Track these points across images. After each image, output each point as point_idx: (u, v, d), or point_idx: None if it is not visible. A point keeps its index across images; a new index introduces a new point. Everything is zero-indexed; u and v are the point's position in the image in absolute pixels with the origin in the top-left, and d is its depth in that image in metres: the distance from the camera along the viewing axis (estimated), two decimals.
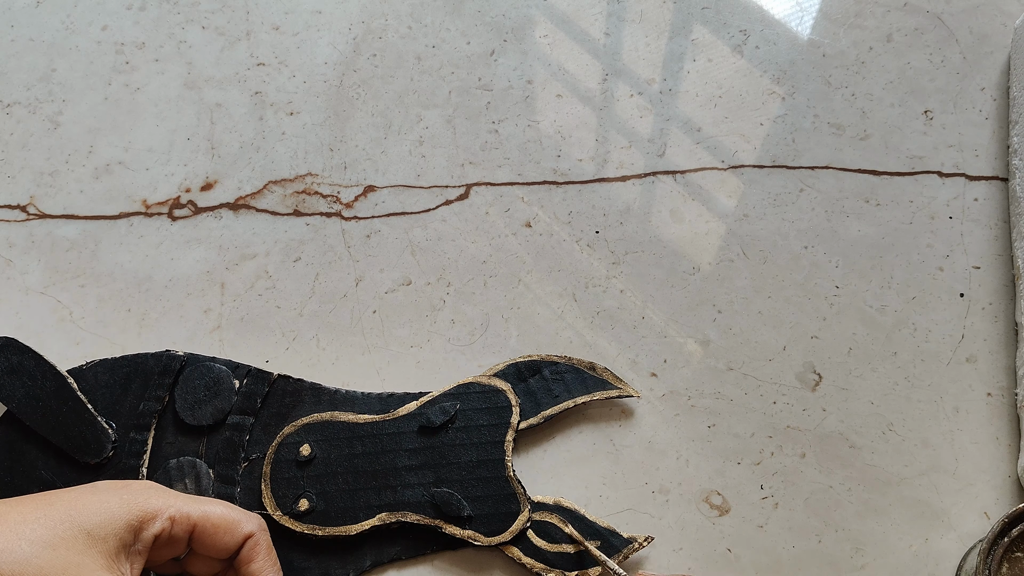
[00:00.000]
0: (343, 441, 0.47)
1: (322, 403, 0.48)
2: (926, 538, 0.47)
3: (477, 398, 0.48)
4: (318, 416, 0.47)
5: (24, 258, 0.54)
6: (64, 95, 0.58)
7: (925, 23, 0.60)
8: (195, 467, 0.46)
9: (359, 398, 0.49)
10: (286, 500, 0.45)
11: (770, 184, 0.55)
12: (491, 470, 0.46)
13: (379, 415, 0.47)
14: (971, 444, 0.48)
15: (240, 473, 0.46)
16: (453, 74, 0.59)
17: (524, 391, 0.49)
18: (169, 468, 0.46)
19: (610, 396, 0.49)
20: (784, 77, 0.59)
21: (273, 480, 0.46)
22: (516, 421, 0.47)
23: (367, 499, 0.46)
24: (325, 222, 0.55)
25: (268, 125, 0.58)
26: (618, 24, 0.61)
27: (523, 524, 0.45)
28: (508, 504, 0.46)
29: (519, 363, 0.49)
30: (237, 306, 0.53)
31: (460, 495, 0.45)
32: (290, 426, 0.47)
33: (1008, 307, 0.52)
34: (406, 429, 0.47)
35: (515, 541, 0.45)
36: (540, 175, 0.56)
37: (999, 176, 0.55)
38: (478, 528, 0.45)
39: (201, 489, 0.45)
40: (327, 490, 0.46)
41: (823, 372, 0.50)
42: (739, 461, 0.48)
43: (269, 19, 0.61)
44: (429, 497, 0.45)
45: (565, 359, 0.50)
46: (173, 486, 0.45)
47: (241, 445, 0.47)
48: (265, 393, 0.48)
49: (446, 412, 0.47)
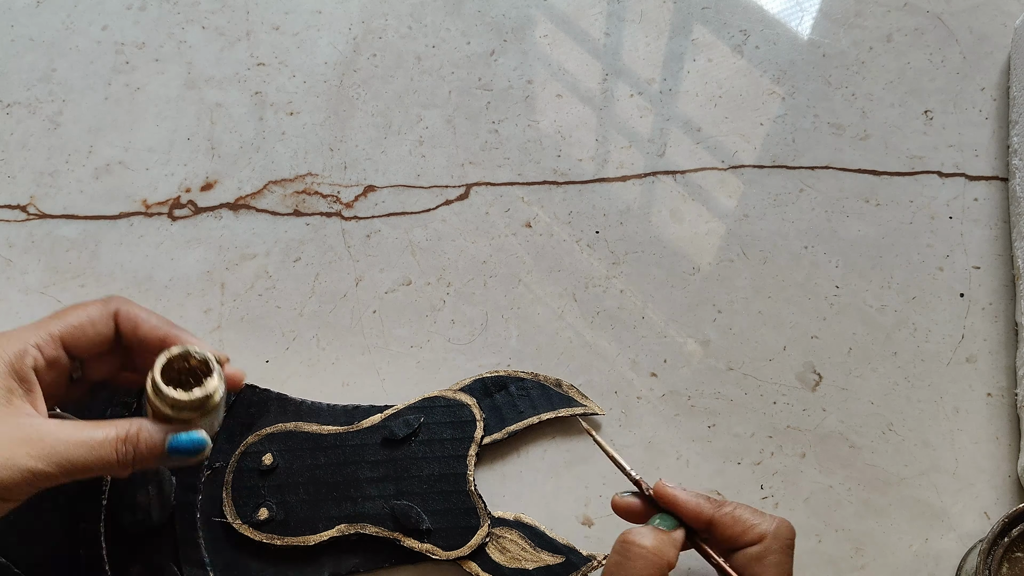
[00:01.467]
0: (306, 451, 0.47)
1: (288, 413, 0.48)
2: (926, 538, 0.47)
3: (442, 412, 0.48)
4: (282, 426, 0.47)
5: (24, 258, 0.54)
6: (64, 95, 0.58)
7: (925, 23, 0.60)
8: (158, 474, 0.45)
9: (324, 409, 0.49)
10: (246, 509, 0.45)
11: (770, 184, 0.55)
12: (452, 484, 0.46)
13: (343, 427, 0.47)
14: (971, 444, 0.48)
15: (203, 480, 0.46)
16: (453, 74, 0.59)
17: (490, 406, 0.49)
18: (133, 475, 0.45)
19: (575, 413, 0.48)
20: (784, 77, 0.59)
21: (234, 488, 0.46)
22: (480, 436, 0.47)
23: (327, 510, 0.45)
24: (325, 222, 0.55)
25: (268, 125, 0.58)
26: (618, 24, 0.61)
27: (482, 539, 0.45)
28: (468, 518, 0.45)
29: (486, 378, 0.49)
30: (237, 306, 0.53)
31: (420, 508, 0.45)
32: (254, 435, 0.47)
33: (1008, 307, 0.52)
34: (369, 441, 0.47)
35: (473, 556, 0.45)
36: (540, 175, 0.56)
37: (999, 176, 0.55)
38: (436, 542, 0.45)
39: (164, 496, 0.45)
40: (287, 500, 0.46)
41: (823, 372, 0.50)
42: (739, 461, 0.48)
43: (269, 19, 0.61)
44: (389, 510, 0.45)
45: (531, 375, 0.50)
46: (136, 493, 0.44)
47: None
48: (231, 402, 0.48)
49: (410, 425, 0.47)
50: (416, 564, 0.46)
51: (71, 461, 0.35)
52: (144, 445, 0.37)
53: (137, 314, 0.40)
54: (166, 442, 0.37)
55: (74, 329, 0.38)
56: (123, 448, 0.36)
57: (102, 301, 0.40)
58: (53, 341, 0.38)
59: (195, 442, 0.38)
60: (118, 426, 0.36)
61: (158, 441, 0.37)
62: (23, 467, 0.34)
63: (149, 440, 0.37)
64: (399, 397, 0.50)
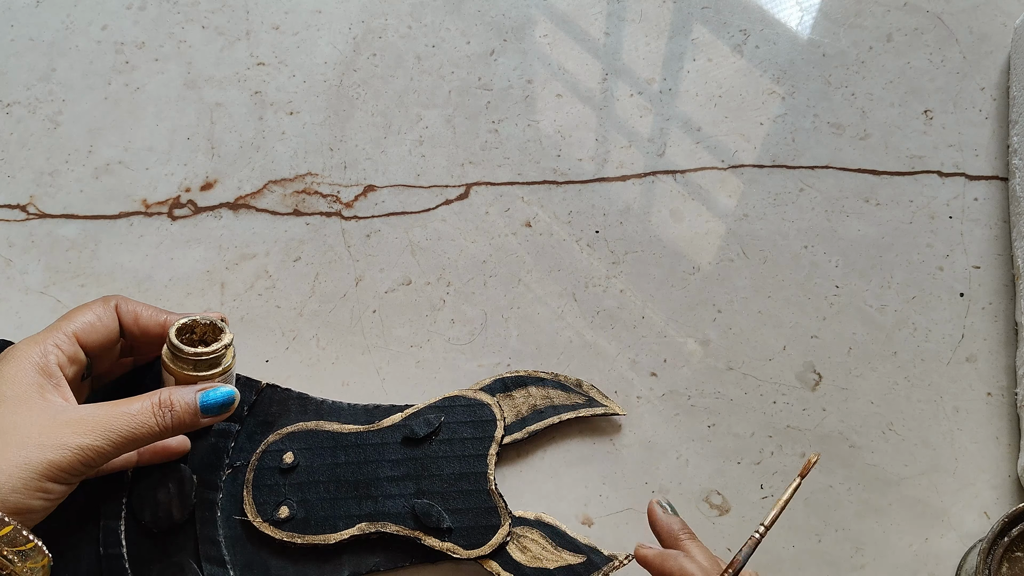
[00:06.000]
0: (327, 450, 0.47)
1: (308, 412, 0.48)
2: (926, 538, 0.47)
3: (462, 411, 0.48)
4: (303, 425, 0.47)
5: (24, 258, 0.54)
6: (64, 95, 0.58)
7: (925, 23, 0.60)
8: (179, 472, 0.45)
9: (345, 409, 0.49)
10: (267, 507, 0.45)
11: (770, 184, 0.55)
12: (473, 483, 0.46)
13: (363, 425, 0.47)
14: (971, 444, 0.48)
15: (223, 479, 0.46)
16: (453, 74, 0.59)
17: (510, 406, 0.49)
18: (152, 471, 0.45)
19: (596, 413, 0.49)
20: (784, 77, 0.59)
21: (255, 487, 0.46)
22: (500, 435, 0.47)
23: (347, 508, 0.46)
24: (325, 222, 0.55)
25: (268, 125, 0.58)
26: (618, 24, 0.61)
27: (503, 538, 0.45)
28: (489, 517, 0.45)
29: (505, 378, 0.49)
30: (237, 306, 0.53)
31: (441, 507, 0.45)
32: (275, 434, 0.47)
33: (1008, 307, 0.52)
34: (390, 440, 0.47)
35: (494, 555, 0.45)
36: (540, 175, 0.56)
37: (999, 176, 0.55)
38: (458, 541, 0.45)
39: (184, 494, 0.45)
40: (308, 498, 0.46)
41: (823, 372, 0.50)
42: (739, 461, 0.48)
43: (269, 19, 0.61)
44: (410, 508, 0.45)
45: (552, 375, 0.50)
46: (157, 492, 0.45)
47: (226, 451, 0.47)
48: (252, 401, 0.48)
49: (430, 424, 0.47)
50: (436, 563, 0.46)
51: (118, 432, 0.37)
52: (179, 406, 0.39)
53: (135, 307, 0.42)
54: (197, 400, 0.39)
55: (87, 326, 0.41)
56: (160, 412, 0.38)
57: (102, 300, 0.42)
58: (70, 340, 0.40)
59: (226, 395, 0.40)
60: (150, 396, 0.39)
61: (191, 401, 0.39)
62: (74, 445, 0.36)
63: (182, 401, 0.39)
64: (399, 397, 0.50)
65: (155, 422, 0.38)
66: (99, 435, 0.37)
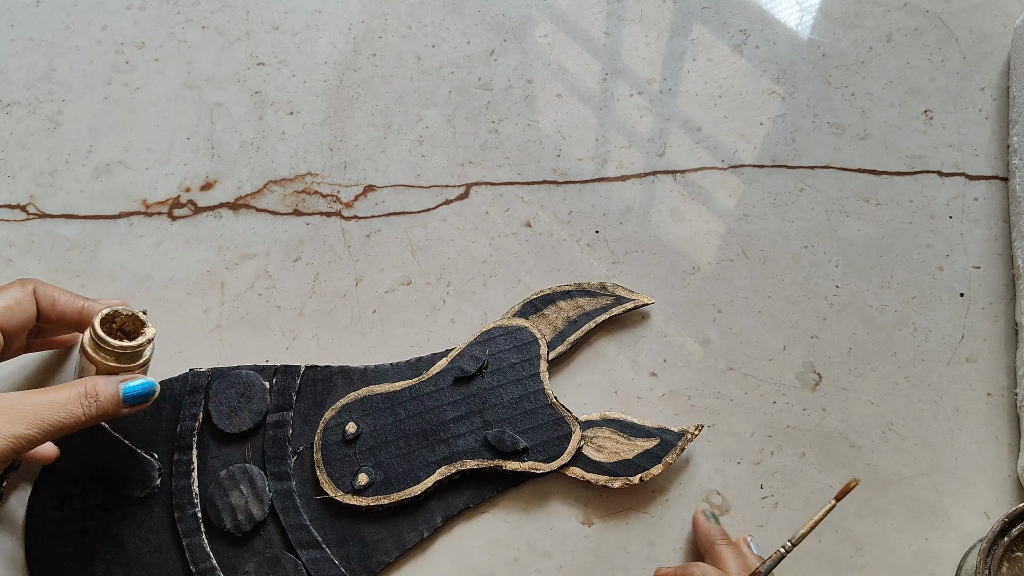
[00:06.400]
0: (385, 411, 0.48)
1: (355, 382, 0.49)
2: (926, 538, 0.47)
3: (503, 340, 0.49)
4: (355, 394, 0.48)
5: (24, 258, 0.54)
6: (64, 95, 0.58)
7: (925, 23, 0.60)
8: (247, 472, 0.46)
9: (388, 369, 0.50)
10: (344, 479, 0.46)
11: (770, 184, 0.55)
12: (534, 401, 0.48)
13: (413, 379, 0.48)
14: (971, 444, 0.48)
15: (292, 467, 0.47)
16: (453, 74, 0.59)
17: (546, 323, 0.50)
18: (221, 480, 0.46)
19: (627, 308, 0.51)
20: (784, 77, 0.59)
21: (327, 464, 0.46)
22: (546, 351, 0.49)
23: (423, 458, 0.46)
24: (325, 222, 0.55)
25: (268, 125, 0.58)
26: (618, 24, 0.61)
27: (578, 443, 0.47)
28: (559, 428, 0.47)
29: (533, 300, 0.51)
30: (237, 306, 0.53)
31: (512, 431, 0.47)
32: (330, 410, 0.48)
33: (1008, 307, 0.52)
34: (443, 384, 0.48)
35: (574, 461, 0.46)
36: (540, 175, 0.56)
37: (999, 176, 0.55)
38: (537, 457, 0.46)
39: (257, 491, 0.46)
40: (382, 459, 0.46)
41: (823, 372, 0.50)
42: (739, 461, 0.48)
43: (269, 19, 0.61)
44: (482, 440, 0.47)
45: (575, 285, 0.51)
46: (229, 495, 0.46)
47: (286, 440, 0.47)
48: (297, 386, 0.49)
49: (477, 360, 0.48)
50: (519, 487, 0.47)
51: (47, 421, 0.38)
52: (103, 397, 0.40)
53: (52, 291, 0.43)
54: (120, 391, 0.40)
55: (5, 310, 0.42)
56: (87, 403, 0.39)
57: (19, 282, 0.43)
58: None
59: (147, 386, 0.41)
60: (75, 385, 0.40)
61: (114, 392, 0.40)
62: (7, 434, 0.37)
63: (106, 392, 0.40)
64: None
65: (81, 412, 0.39)
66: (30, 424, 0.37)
